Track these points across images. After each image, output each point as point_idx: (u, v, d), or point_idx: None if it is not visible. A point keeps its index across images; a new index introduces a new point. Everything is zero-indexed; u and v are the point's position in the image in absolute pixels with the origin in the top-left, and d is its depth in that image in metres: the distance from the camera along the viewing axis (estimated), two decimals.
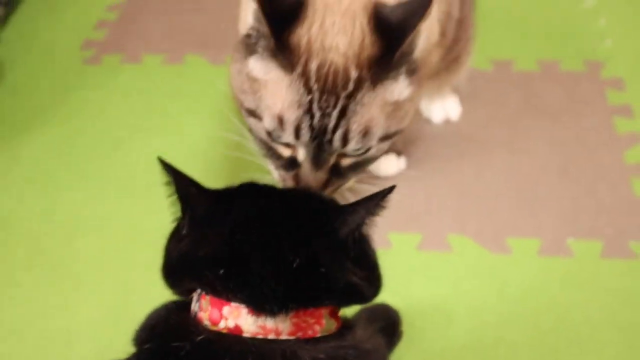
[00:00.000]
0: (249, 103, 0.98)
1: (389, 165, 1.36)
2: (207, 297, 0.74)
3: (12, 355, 1.17)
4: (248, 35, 0.97)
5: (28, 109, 1.60)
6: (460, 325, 1.12)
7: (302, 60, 0.92)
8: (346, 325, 0.78)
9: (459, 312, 1.14)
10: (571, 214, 1.32)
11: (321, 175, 0.96)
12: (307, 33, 0.92)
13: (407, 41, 0.90)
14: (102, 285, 1.24)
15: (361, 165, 1.01)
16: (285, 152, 0.97)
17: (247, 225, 0.75)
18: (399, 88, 0.95)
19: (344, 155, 0.97)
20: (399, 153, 1.38)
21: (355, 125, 0.92)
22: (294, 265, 0.71)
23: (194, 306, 0.76)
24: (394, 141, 1.08)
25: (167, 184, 0.76)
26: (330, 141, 0.93)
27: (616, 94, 1.58)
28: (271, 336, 0.71)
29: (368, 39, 0.92)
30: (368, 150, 0.97)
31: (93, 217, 1.36)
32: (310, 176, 0.96)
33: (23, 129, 1.55)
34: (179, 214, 0.78)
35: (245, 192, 0.81)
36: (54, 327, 1.18)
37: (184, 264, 0.77)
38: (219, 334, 0.72)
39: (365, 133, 0.93)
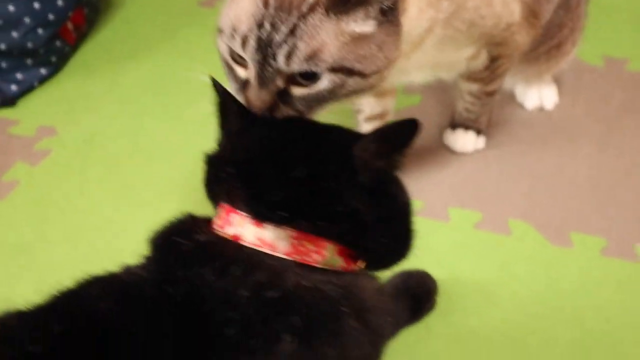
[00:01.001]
0: (222, 19, 0.95)
1: (466, 142, 1.32)
2: (225, 206, 0.76)
3: (57, 267, 1.19)
4: None
5: (136, 39, 1.66)
6: (498, 309, 1.06)
7: None
8: (356, 272, 0.78)
9: (502, 296, 1.08)
10: None
11: (266, 96, 0.89)
12: None
13: None
14: (163, 211, 1.26)
15: (315, 100, 0.92)
16: (242, 73, 0.92)
17: (267, 139, 0.77)
18: (360, 23, 0.88)
19: (294, 81, 0.90)
20: (479, 131, 1.33)
21: (302, 45, 0.86)
22: (299, 175, 0.72)
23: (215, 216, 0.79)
24: (372, 87, 0.97)
25: (216, 103, 0.80)
26: (275, 56, 0.86)
27: None
28: (267, 250, 0.71)
29: None
30: (317, 78, 0.89)
31: (168, 149, 1.39)
32: (255, 95, 0.89)
33: (127, 57, 1.61)
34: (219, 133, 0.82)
35: (285, 120, 0.82)
36: (112, 245, 1.21)
37: (212, 172, 0.80)
38: (221, 238, 0.74)
39: (312, 56, 0.86)
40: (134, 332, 0.68)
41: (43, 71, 1.51)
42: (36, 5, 1.40)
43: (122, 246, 1.13)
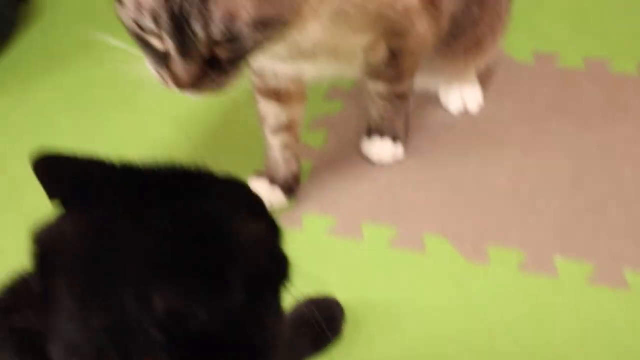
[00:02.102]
0: None
1: (383, 150, 1.27)
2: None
3: None
4: None
5: (52, 54, 1.61)
6: (407, 335, 1.02)
7: None
8: None
9: (412, 319, 1.04)
10: (568, 229, 1.20)
11: (192, 67, 0.87)
12: None
13: None
14: None
15: (244, 57, 0.92)
16: (159, 45, 0.89)
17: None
18: None
19: (217, 45, 0.88)
20: (395, 138, 1.28)
21: (216, 9, 0.83)
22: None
23: None
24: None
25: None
26: (191, 26, 0.84)
27: None
28: None
29: None
30: (241, 39, 0.88)
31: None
32: (181, 67, 0.87)
33: (42, 73, 1.56)
34: None
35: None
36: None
37: None
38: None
39: (229, 18, 0.85)
40: None
41: None
42: None
43: None
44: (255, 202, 0.69)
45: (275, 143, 1.24)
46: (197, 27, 0.83)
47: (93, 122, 1.46)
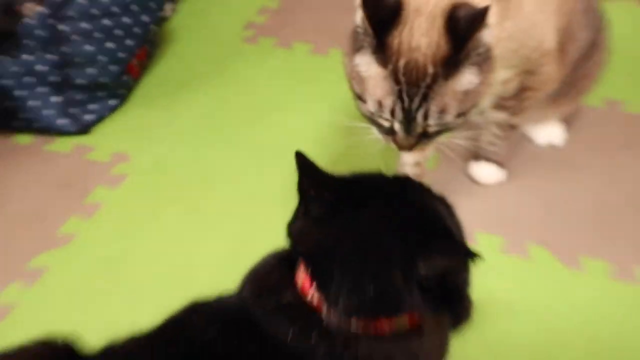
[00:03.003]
0: (357, 89, 1.09)
1: (489, 175, 1.43)
2: (306, 272, 0.77)
3: (141, 274, 1.28)
4: (356, 31, 1.06)
5: (190, 74, 1.74)
6: (520, 322, 1.16)
7: (394, 58, 1.01)
8: (418, 330, 0.78)
9: (522, 311, 1.17)
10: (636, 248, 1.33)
11: (411, 140, 1.08)
12: (399, 35, 1.01)
13: (469, 43, 0.98)
14: (228, 228, 1.36)
15: (445, 131, 1.10)
16: (386, 123, 1.08)
17: (342, 235, 0.76)
18: (467, 78, 1.03)
19: (429, 126, 1.07)
20: (500, 165, 1.43)
21: (433, 107, 1.03)
22: (367, 290, 0.72)
23: (298, 267, 0.80)
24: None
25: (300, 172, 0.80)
26: (415, 118, 1.04)
27: None
28: (342, 324, 0.74)
29: (442, 40, 1.00)
30: (447, 123, 1.07)
31: (228, 172, 1.48)
32: (404, 141, 1.08)
33: (183, 89, 1.69)
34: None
35: (359, 194, 0.79)
36: (183, 255, 1.31)
37: (295, 240, 0.81)
38: (303, 303, 0.76)
39: (442, 112, 1.03)
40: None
41: (112, 102, 1.59)
42: (109, 44, 1.50)
43: (194, 258, 1.29)
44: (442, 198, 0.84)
45: (409, 171, 1.40)
46: (420, 119, 1.04)
47: (228, 135, 1.57)
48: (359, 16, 1.04)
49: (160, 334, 0.79)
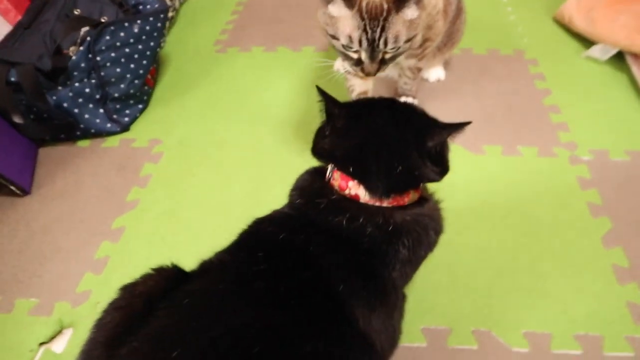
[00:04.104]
0: (331, 31, 1.12)
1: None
2: (339, 173, 0.81)
3: (191, 218, 1.37)
4: None
5: (187, 79, 1.86)
6: (448, 193, 1.23)
7: (357, 1, 1.06)
8: (424, 197, 0.85)
9: (449, 184, 1.35)
10: (518, 131, 1.53)
11: (375, 66, 1.12)
12: None
13: None
14: (243, 175, 1.48)
15: (397, 56, 1.14)
16: (354, 55, 1.12)
17: (368, 137, 0.80)
18: (411, 11, 1.08)
19: (386, 52, 1.12)
20: (414, 97, 1.59)
21: (390, 34, 1.08)
22: (397, 171, 0.78)
23: (328, 174, 0.84)
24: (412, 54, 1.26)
25: (320, 102, 0.82)
26: (378, 45, 1.08)
27: (534, 67, 1.78)
28: (377, 203, 0.79)
29: None
30: (399, 48, 1.11)
31: (233, 137, 1.61)
32: (369, 67, 1.12)
33: (186, 91, 1.81)
34: (323, 119, 0.85)
35: (367, 109, 0.83)
36: (217, 200, 1.41)
37: (326, 154, 0.84)
38: (344, 197, 0.80)
39: (396, 38, 1.09)
40: (311, 251, 0.75)
41: (140, 106, 1.70)
42: (132, 65, 1.62)
43: (224, 200, 1.40)
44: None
45: None
46: (381, 44, 1.09)
47: (226, 113, 1.70)
48: None
49: (243, 243, 0.81)
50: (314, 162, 0.90)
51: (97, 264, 1.31)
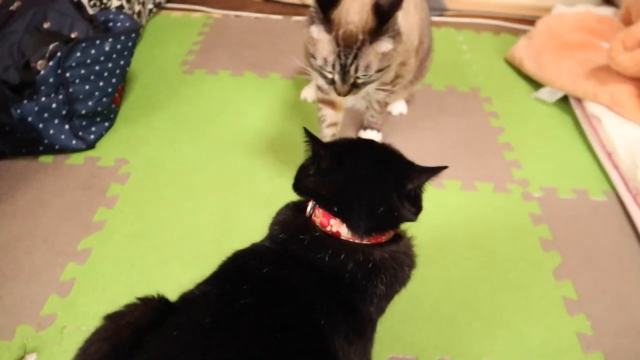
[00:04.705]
0: (311, 49, 1.16)
1: (372, 137, 1.60)
2: (321, 210, 0.83)
3: (161, 241, 1.35)
4: (310, 11, 1.15)
5: (153, 98, 1.84)
6: (422, 225, 1.38)
7: (335, 28, 1.09)
8: (398, 234, 0.88)
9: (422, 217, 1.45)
10: (475, 167, 1.59)
11: (346, 88, 1.17)
12: (339, 13, 1.10)
13: (390, 21, 1.09)
14: (213, 200, 1.47)
15: (369, 83, 1.18)
16: (329, 75, 1.16)
17: (352, 179, 0.82)
18: (385, 45, 1.12)
19: (357, 77, 1.16)
20: (378, 130, 1.64)
21: (361, 63, 1.12)
22: (379, 212, 0.80)
23: (310, 211, 0.85)
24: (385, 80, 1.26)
25: (306, 142, 0.83)
26: (349, 71, 1.13)
27: (488, 105, 1.87)
28: (357, 241, 0.81)
29: (370, 18, 1.09)
30: (370, 76, 1.15)
31: (201, 161, 1.60)
32: (341, 88, 1.17)
33: (153, 111, 1.79)
34: (307, 157, 0.86)
35: (350, 151, 0.85)
36: (187, 223, 1.40)
37: (310, 192, 0.85)
38: (326, 234, 0.81)
39: (367, 68, 1.13)
40: (294, 285, 0.76)
41: (106, 124, 1.67)
42: (101, 83, 1.59)
43: (193, 223, 1.38)
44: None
45: (328, 133, 1.48)
46: (352, 71, 1.14)
47: (193, 135, 1.70)
48: (312, 0, 1.12)
49: (226, 276, 0.80)
50: (282, 190, 0.92)
51: (63, 286, 1.27)
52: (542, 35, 2.05)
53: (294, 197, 0.91)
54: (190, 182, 1.53)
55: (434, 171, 0.81)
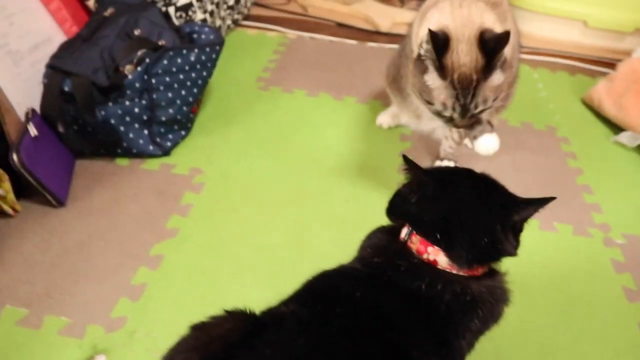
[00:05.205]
0: (426, 97, 1.19)
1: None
2: (418, 237, 0.80)
3: (233, 254, 1.35)
4: (419, 60, 1.17)
5: (229, 111, 1.85)
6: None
7: (450, 73, 1.13)
8: (493, 269, 0.85)
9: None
10: (554, 207, 1.38)
11: (466, 121, 1.21)
12: (450, 57, 1.13)
13: (498, 57, 1.12)
14: (286, 218, 1.45)
15: (486, 109, 1.21)
16: (447, 114, 1.20)
17: (456, 207, 0.80)
18: (497, 77, 1.15)
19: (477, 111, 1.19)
20: (455, 161, 1.62)
21: (480, 99, 1.16)
22: (483, 243, 0.78)
23: (404, 236, 0.82)
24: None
25: (405, 170, 0.83)
26: (469, 109, 1.17)
27: (566, 145, 1.81)
28: (455, 271, 0.79)
29: (479, 57, 1.12)
30: (487, 107, 1.19)
31: (274, 177, 1.58)
32: (461, 123, 1.21)
33: (228, 123, 1.80)
34: (405, 184, 0.85)
35: (452, 179, 0.83)
36: (259, 239, 1.39)
37: (409, 217, 0.83)
38: (423, 261, 0.79)
39: (484, 101, 1.16)
40: (388, 312, 0.75)
41: (183, 133, 1.68)
42: (183, 92, 1.61)
43: (266, 238, 1.38)
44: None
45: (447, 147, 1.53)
46: (472, 109, 1.17)
47: (269, 151, 1.69)
48: (422, 50, 1.16)
49: (315, 296, 0.78)
50: (357, 215, 0.89)
51: (134, 290, 1.27)
52: (624, 77, 1.98)
53: (370, 222, 0.90)
54: (264, 197, 1.51)
55: (541, 203, 0.79)
